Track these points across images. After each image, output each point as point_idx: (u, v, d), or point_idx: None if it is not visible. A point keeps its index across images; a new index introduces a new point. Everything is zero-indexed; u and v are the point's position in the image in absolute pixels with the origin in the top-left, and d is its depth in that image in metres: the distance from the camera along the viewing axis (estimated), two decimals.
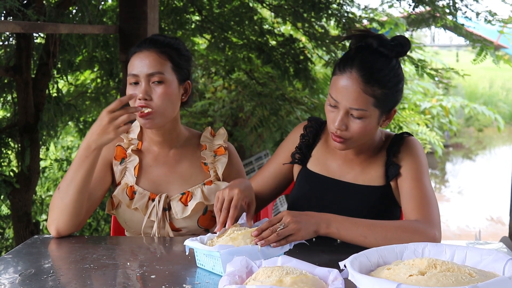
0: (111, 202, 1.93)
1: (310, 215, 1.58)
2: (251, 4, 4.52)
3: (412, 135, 1.86)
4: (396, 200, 1.82)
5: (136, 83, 1.83)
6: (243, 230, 1.56)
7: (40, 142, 3.62)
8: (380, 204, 1.80)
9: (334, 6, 4.00)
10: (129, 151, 1.94)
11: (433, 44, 18.31)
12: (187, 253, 1.56)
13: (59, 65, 3.85)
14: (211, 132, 2.02)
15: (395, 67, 1.71)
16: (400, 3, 4.14)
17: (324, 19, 4.21)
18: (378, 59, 1.69)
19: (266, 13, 5.06)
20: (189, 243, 1.53)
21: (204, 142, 1.99)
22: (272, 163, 1.95)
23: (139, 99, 1.80)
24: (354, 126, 1.69)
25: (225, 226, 1.62)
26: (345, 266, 1.23)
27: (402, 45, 1.72)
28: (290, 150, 1.94)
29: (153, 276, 1.46)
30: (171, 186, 1.92)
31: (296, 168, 1.93)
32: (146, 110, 1.79)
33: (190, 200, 1.90)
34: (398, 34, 5.04)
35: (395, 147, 1.81)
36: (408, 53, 4.23)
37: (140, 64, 1.83)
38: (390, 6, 4.31)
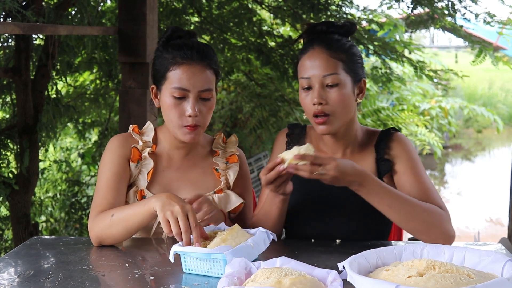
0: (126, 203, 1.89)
1: (351, 174, 1.61)
2: (250, 6, 4.52)
3: (399, 130, 1.88)
4: None
5: (183, 97, 1.78)
6: (226, 231, 1.56)
7: (39, 144, 3.61)
8: None
9: (333, 7, 4.00)
10: (145, 153, 1.88)
11: (432, 46, 18.34)
12: (172, 261, 1.51)
13: (58, 67, 3.85)
14: (223, 138, 2.01)
15: (350, 41, 1.81)
16: (399, 4, 4.14)
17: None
18: (333, 34, 1.80)
19: (265, 14, 5.06)
20: (179, 248, 1.50)
21: (217, 149, 1.98)
22: None
23: (190, 116, 1.77)
24: (332, 96, 1.73)
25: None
26: (344, 267, 1.23)
27: (348, 26, 1.83)
28: None
29: (151, 278, 1.46)
30: (181, 192, 1.88)
31: None
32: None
33: None
34: (397, 35, 5.07)
35: (384, 143, 1.83)
36: (407, 54, 4.25)
37: (193, 79, 1.77)
38: (389, 8, 4.32)
